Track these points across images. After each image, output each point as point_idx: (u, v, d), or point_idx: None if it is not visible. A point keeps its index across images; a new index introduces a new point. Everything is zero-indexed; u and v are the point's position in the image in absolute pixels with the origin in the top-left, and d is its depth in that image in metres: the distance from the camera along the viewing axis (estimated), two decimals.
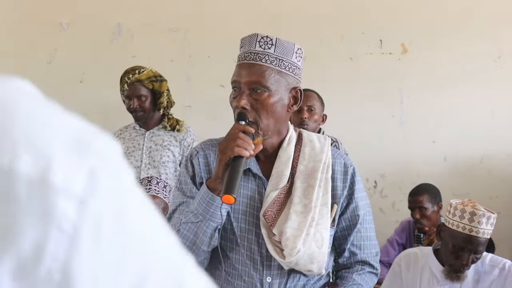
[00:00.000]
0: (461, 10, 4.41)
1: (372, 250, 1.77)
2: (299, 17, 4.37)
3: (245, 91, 1.59)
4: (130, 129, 3.40)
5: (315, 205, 1.61)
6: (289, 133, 1.71)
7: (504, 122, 4.40)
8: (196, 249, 1.59)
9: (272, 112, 1.61)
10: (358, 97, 4.41)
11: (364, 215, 1.75)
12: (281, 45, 1.64)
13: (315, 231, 1.59)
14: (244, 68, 1.61)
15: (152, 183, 2.88)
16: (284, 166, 1.65)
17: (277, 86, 1.61)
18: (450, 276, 2.49)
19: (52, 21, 4.46)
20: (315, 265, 1.59)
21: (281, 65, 1.62)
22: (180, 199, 1.68)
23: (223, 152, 1.52)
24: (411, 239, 3.69)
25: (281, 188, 1.63)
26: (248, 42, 1.64)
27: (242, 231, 1.64)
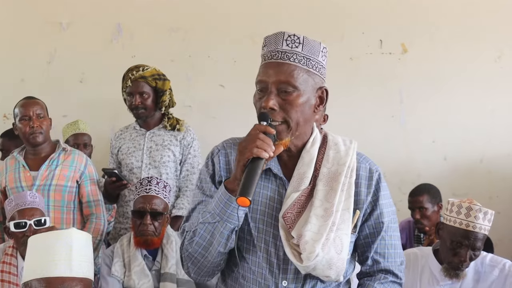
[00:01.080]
0: (461, 10, 4.41)
1: (396, 259, 1.70)
2: (299, 17, 4.37)
3: (273, 91, 1.54)
4: (131, 129, 3.40)
5: (337, 210, 1.56)
6: (314, 134, 1.66)
7: (504, 122, 4.40)
8: (213, 250, 1.57)
9: (301, 112, 1.57)
10: (358, 97, 4.41)
11: (389, 222, 1.68)
12: (308, 44, 1.60)
13: (335, 236, 1.55)
14: (272, 68, 1.55)
15: (152, 183, 2.88)
16: (306, 167, 1.61)
17: (305, 85, 1.58)
18: (449, 274, 2.49)
19: (52, 21, 4.45)
20: (333, 271, 1.54)
21: (309, 64, 1.59)
22: (199, 197, 1.65)
23: (241, 153, 1.49)
24: (411, 239, 3.69)
25: (302, 190, 1.59)
26: (274, 40, 1.58)
27: (260, 232, 1.60)
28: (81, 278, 1.56)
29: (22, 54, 4.43)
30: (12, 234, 2.70)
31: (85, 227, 3.13)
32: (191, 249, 1.59)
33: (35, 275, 1.57)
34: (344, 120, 4.29)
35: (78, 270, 1.56)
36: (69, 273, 1.54)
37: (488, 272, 2.53)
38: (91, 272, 1.63)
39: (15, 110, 3.16)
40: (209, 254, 1.58)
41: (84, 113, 4.22)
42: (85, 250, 1.61)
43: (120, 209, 3.34)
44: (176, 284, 2.75)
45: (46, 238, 1.63)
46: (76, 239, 1.59)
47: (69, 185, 3.12)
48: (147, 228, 2.78)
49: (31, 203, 2.73)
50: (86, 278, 1.59)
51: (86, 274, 1.58)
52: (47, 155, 3.16)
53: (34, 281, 1.57)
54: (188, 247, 1.60)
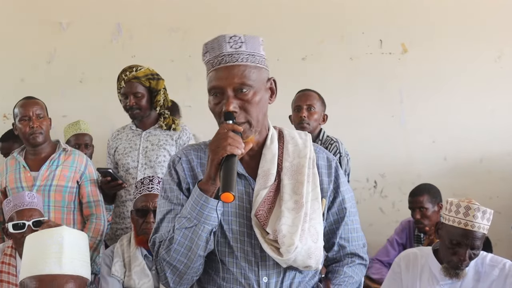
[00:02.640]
0: (461, 10, 4.41)
1: (359, 242, 1.77)
2: (299, 17, 4.37)
3: (230, 94, 1.58)
4: (127, 129, 3.39)
5: (306, 200, 1.61)
6: (271, 130, 1.71)
7: (504, 122, 4.40)
8: (192, 255, 1.57)
9: (260, 108, 1.61)
10: (358, 97, 4.41)
11: (350, 207, 1.74)
12: (249, 41, 1.62)
13: (310, 226, 1.58)
14: (223, 72, 1.59)
15: (154, 182, 2.88)
16: (270, 164, 1.65)
17: (258, 81, 1.61)
18: (449, 273, 2.49)
19: (52, 21, 4.45)
20: (312, 260, 1.58)
21: (255, 60, 1.61)
22: (167, 207, 1.65)
23: (215, 152, 1.51)
24: (411, 239, 3.69)
25: (269, 186, 1.62)
26: (216, 45, 1.62)
27: (234, 233, 1.62)
28: (72, 275, 1.55)
29: (22, 54, 4.43)
30: (11, 235, 2.70)
31: (85, 227, 3.13)
32: (169, 258, 1.59)
33: (28, 273, 1.58)
34: (344, 120, 4.29)
35: (69, 267, 1.55)
36: (59, 270, 1.54)
37: (488, 272, 2.53)
38: (86, 270, 1.62)
39: (14, 110, 3.16)
40: (189, 259, 1.58)
41: (84, 113, 4.22)
42: (77, 248, 1.60)
43: (116, 210, 3.34)
44: None
45: (38, 236, 1.64)
46: (67, 237, 1.59)
47: (69, 186, 3.12)
48: (150, 226, 2.77)
49: (29, 203, 2.73)
50: (79, 275, 1.58)
51: (78, 271, 1.57)
52: (47, 156, 3.16)
53: (26, 279, 1.57)
54: (165, 256, 1.59)
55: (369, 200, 4.42)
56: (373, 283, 3.49)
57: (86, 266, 1.63)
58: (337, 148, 3.27)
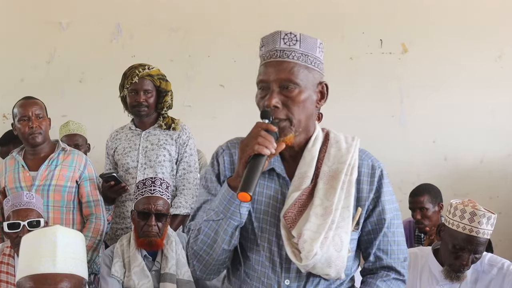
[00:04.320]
0: (461, 10, 4.41)
1: (399, 256, 1.69)
2: (299, 17, 4.37)
3: (275, 89, 1.56)
4: (126, 129, 3.38)
5: (336, 208, 1.57)
6: (316, 132, 1.67)
7: (504, 122, 4.40)
8: (217, 247, 1.58)
9: (303, 108, 1.59)
10: (358, 97, 4.41)
11: (391, 219, 1.68)
12: (305, 41, 1.61)
13: (334, 234, 1.55)
14: (272, 66, 1.57)
15: (156, 184, 2.87)
16: (307, 167, 1.62)
17: (306, 82, 1.59)
18: (450, 276, 2.48)
19: (51, 21, 4.45)
20: (332, 269, 1.55)
21: (307, 60, 1.60)
22: (204, 196, 1.66)
23: (243, 150, 1.51)
24: (411, 239, 3.68)
25: (303, 189, 1.59)
26: (271, 40, 1.60)
27: (263, 232, 1.61)
28: (66, 274, 1.55)
29: (22, 54, 4.43)
30: (7, 234, 2.69)
31: (85, 227, 3.13)
32: (196, 247, 1.61)
33: (23, 273, 1.57)
34: (344, 120, 4.29)
35: (63, 266, 1.55)
36: (53, 270, 1.53)
37: (486, 271, 2.53)
38: (81, 269, 1.61)
39: (14, 110, 3.16)
40: (214, 251, 1.59)
41: (83, 113, 4.22)
42: (72, 247, 1.60)
43: (116, 210, 3.33)
44: (176, 284, 2.74)
45: (33, 236, 1.63)
46: (61, 236, 1.58)
47: (68, 185, 3.12)
48: (152, 229, 2.77)
49: (26, 203, 2.72)
50: (73, 274, 1.57)
51: (72, 270, 1.57)
52: (46, 155, 3.15)
53: (22, 279, 1.57)
54: (193, 245, 1.61)
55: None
56: None
57: (81, 265, 1.62)
58: None
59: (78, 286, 1.60)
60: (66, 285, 1.55)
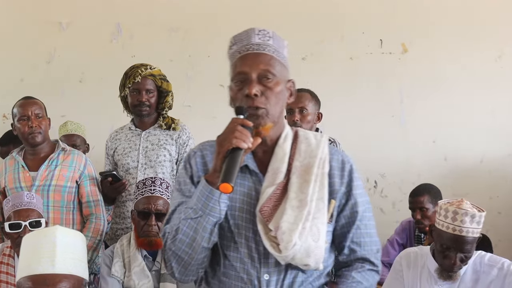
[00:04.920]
0: (461, 10, 4.41)
1: (372, 247, 1.74)
2: (299, 17, 4.37)
3: (254, 79, 1.60)
4: (126, 130, 3.38)
5: (311, 199, 1.61)
6: (286, 129, 1.72)
7: (504, 122, 4.40)
8: (196, 246, 1.59)
9: (279, 100, 1.64)
10: (358, 97, 4.41)
11: (363, 211, 1.73)
12: (277, 39, 1.67)
13: (312, 225, 1.59)
14: (250, 59, 1.62)
15: (156, 184, 2.87)
16: (280, 162, 1.66)
17: (281, 75, 1.64)
18: (442, 276, 2.50)
19: (51, 20, 4.45)
20: (311, 259, 1.58)
21: (280, 56, 1.65)
22: (179, 199, 1.68)
23: (221, 145, 1.55)
24: (411, 239, 3.68)
25: (277, 184, 1.63)
26: (245, 37, 1.66)
27: (240, 229, 1.64)
28: (65, 275, 1.55)
29: (22, 54, 4.43)
30: (8, 234, 2.69)
31: (85, 227, 3.13)
32: (174, 248, 1.61)
33: (23, 274, 1.57)
34: (344, 120, 4.29)
35: (62, 266, 1.55)
36: (52, 270, 1.54)
37: (486, 271, 2.52)
38: (81, 269, 1.61)
39: (13, 110, 3.16)
40: (193, 250, 1.60)
41: (83, 113, 4.22)
42: (71, 247, 1.59)
43: (116, 210, 3.33)
44: (176, 284, 2.75)
45: (33, 236, 1.63)
46: (61, 236, 1.58)
47: (68, 186, 3.12)
48: (152, 229, 2.77)
49: (27, 203, 2.72)
50: (73, 275, 1.57)
51: (71, 271, 1.57)
52: (46, 155, 3.15)
53: (21, 279, 1.57)
54: (171, 246, 1.62)
55: (369, 200, 4.42)
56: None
57: (81, 265, 1.62)
58: None
59: (78, 286, 1.60)
60: (65, 285, 1.55)
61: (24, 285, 1.56)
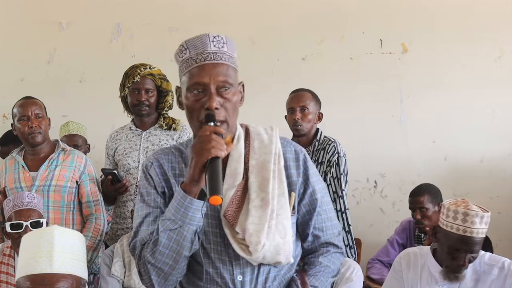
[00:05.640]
0: (461, 10, 4.41)
1: (334, 231, 1.78)
2: (299, 17, 4.37)
3: (214, 91, 1.59)
4: (126, 130, 3.38)
5: (273, 197, 1.61)
6: (237, 130, 1.71)
7: (504, 122, 4.40)
8: (178, 256, 1.58)
9: (236, 108, 1.64)
10: (358, 97, 4.41)
11: (321, 197, 1.74)
12: (229, 43, 1.65)
13: (277, 223, 1.60)
14: (208, 69, 1.59)
15: None
16: (236, 163, 1.65)
17: (235, 82, 1.64)
18: (448, 277, 2.48)
19: (51, 20, 4.45)
20: (281, 255, 1.60)
21: (233, 62, 1.64)
22: (145, 210, 1.66)
23: (200, 154, 1.51)
24: (411, 239, 3.68)
25: (237, 186, 1.63)
26: (200, 43, 1.64)
27: (207, 235, 1.63)
28: (63, 274, 1.54)
29: (22, 54, 4.43)
30: (9, 234, 2.69)
31: (85, 227, 3.13)
32: (154, 260, 1.59)
33: (21, 273, 1.57)
34: (344, 120, 4.29)
35: (60, 266, 1.54)
36: (50, 270, 1.53)
37: (487, 271, 2.52)
38: (79, 268, 1.61)
39: (13, 110, 3.16)
40: (174, 261, 1.59)
41: (84, 113, 4.22)
42: (69, 247, 1.59)
43: (117, 210, 3.33)
44: None
45: (31, 236, 1.63)
46: (58, 236, 1.58)
47: (68, 186, 3.12)
48: None
49: (28, 204, 2.72)
50: (71, 274, 1.57)
51: (69, 270, 1.56)
52: (46, 155, 3.15)
53: (20, 279, 1.57)
54: (150, 259, 1.59)
55: (369, 200, 4.42)
56: (374, 283, 3.49)
57: (79, 264, 1.62)
58: (335, 149, 3.24)
59: (77, 286, 1.60)
60: (63, 285, 1.55)
61: (23, 285, 1.56)
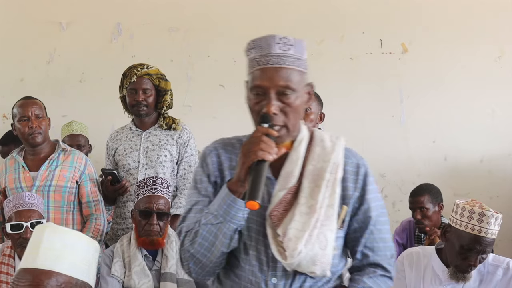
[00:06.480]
0: (461, 10, 4.41)
1: (386, 252, 1.71)
2: (299, 17, 4.37)
3: (273, 96, 1.57)
4: (126, 130, 3.38)
5: (321, 206, 1.59)
6: (302, 132, 1.68)
7: (504, 122, 4.40)
8: (215, 250, 1.59)
9: (298, 112, 1.61)
10: (358, 97, 4.41)
11: (377, 216, 1.69)
12: (297, 45, 1.62)
13: (319, 233, 1.57)
14: (269, 73, 1.57)
15: (157, 183, 2.88)
16: (293, 166, 1.63)
17: (299, 86, 1.60)
18: (456, 277, 2.46)
19: (51, 20, 4.45)
20: (318, 267, 1.57)
21: (300, 65, 1.61)
22: (195, 197, 1.68)
23: (246, 155, 1.52)
24: (411, 239, 3.68)
25: (288, 188, 1.61)
26: (265, 44, 1.60)
27: (250, 231, 1.62)
28: (47, 271, 1.48)
29: (22, 54, 4.43)
30: (9, 235, 2.69)
31: (85, 227, 3.13)
32: (193, 250, 1.61)
33: None
34: (344, 120, 4.29)
35: (44, 262, 1.49)
36: (32, 265, 1.50)
37: (491, 272, 2.52)
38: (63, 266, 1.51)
39: (13, 110, 3.16)
40: (212, 254, 1.60)
41: (84, 113, 4.21)
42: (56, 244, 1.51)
43: (117, 210, 3.33)
44: (176, 284, 2.75)
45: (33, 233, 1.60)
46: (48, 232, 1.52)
47: (68, 186, 3.12)
48: (153, 228, 2.78)
49: (29, 204, 2.72)
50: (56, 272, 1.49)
51: (51, 266, 1.48)
52: (46, 156, 3.15)
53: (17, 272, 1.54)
54: (190, 248, 1.62)
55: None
56: None
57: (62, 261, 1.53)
58: None
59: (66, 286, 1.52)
60: (48, 282, 1.49)
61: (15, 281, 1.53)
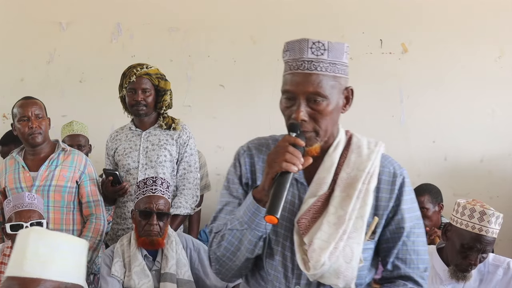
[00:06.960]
0: (461, 10, 4.41)
1: (419, 266, 1.65)
2: (299, 17, 4.37)
3: (302, 102, 1.53)
4: (126, 130, 3.38)
5: (350, 218, 1.54)
6: (339, 137, 1.65)
7: (504, 122, 4.39)
8: (240, 255, 1.58)
9: (330, 119, 1.58)
10: (358, 97, 4.37)
11: (411, 227, 1.63)
12: (333, 49, 1.58)
13: (345, 245, 1.53)
14: (299, 78, 1.54)
15: (157, 183, 2.88)
16: (326, 172, 1.59)
17: (333, 92, 1.56)
18: (456, 276, 2.47)
19: (51, 21, 4.45)
20: (341, 280, 1.53)
21: (335, 70, 1.57)
22: (226, 198, 1.67)
23: (270, 166, 1.48)
24: None
25: (319, 196, 1.57)
26: (298, 48, 1.57)
27: (278, 236, 1.60)
28: (34, 279, 1.43)
29: (22, 54, 4.43)
30: (9, 235, 2.69)
31: (85, 227, 3.13)
32: (219, 253, 1.61)
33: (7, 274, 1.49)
34: (344, 120, 4.28)
35: (30, 270, 1.44)
36: (19, 273, 1.44)
37: (492, 272, 2.52)
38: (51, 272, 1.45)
39: (13, 110, 3.16)
40: (237, 259, 1.60)
41: (84, 113, 4.21)
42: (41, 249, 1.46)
43: (117, 210, 3.33)
44: (176, 284, 2.75)
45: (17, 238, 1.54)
46: (33, 237, 1.47)
47: (68, 186, 3.12)
48: (153, 228, 2.78)
49: (29, 204, 2.72)
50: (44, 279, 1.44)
51: (38, 274, 1.43)
52: (46, 156, 3.15)
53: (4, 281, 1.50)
54: (216, 251, 1.62)
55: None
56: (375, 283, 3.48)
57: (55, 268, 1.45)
58: None
59: None
60: None
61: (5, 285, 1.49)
